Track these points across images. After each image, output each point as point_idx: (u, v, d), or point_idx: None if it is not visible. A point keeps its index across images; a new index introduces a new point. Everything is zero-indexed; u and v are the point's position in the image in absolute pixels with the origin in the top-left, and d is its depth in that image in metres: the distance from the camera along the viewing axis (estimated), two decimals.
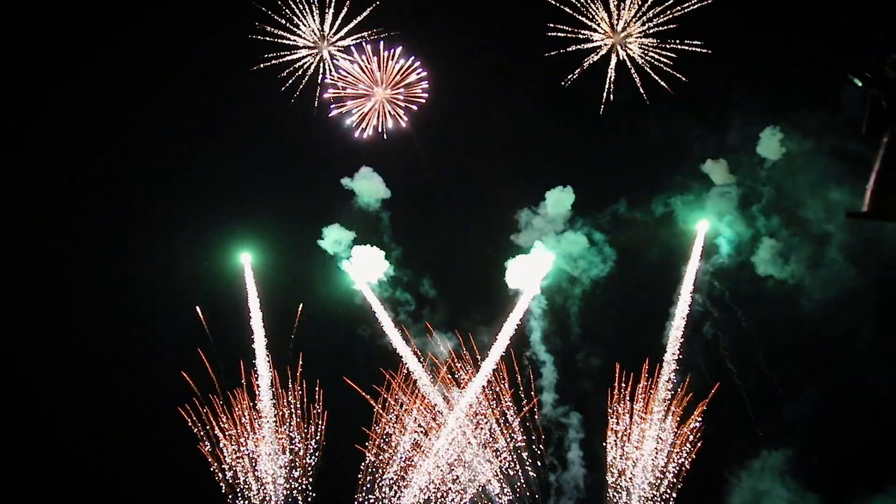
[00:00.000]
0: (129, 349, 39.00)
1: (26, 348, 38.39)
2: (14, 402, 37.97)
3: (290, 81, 36.52)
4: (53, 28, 35.86)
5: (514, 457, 39.72)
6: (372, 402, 39.29)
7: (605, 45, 36.50)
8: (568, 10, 35.69)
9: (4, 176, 35.99)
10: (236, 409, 38.83)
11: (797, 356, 38.02)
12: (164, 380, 38.28)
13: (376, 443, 39.39)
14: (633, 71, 36.39)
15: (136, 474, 39.02)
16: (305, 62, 36.85)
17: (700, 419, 38.52)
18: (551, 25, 35.73)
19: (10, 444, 38.41)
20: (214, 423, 38.50)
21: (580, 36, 36.27)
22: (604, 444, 39.44)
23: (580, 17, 35.99)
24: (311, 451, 39.52)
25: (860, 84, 14.97)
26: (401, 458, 39.38)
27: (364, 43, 36.38)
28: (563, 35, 36.01)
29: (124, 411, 38.44)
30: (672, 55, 35.78)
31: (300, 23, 36.07)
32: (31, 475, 39.02)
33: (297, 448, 39.43)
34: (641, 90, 36.55)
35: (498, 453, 39.73)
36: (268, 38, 35.42)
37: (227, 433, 38.72)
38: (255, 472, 39.04)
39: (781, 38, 35.54)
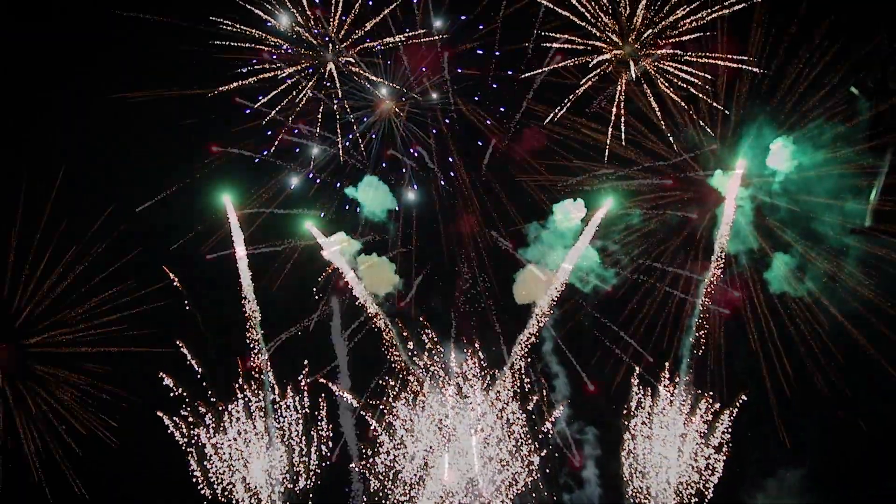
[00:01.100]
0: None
1: None
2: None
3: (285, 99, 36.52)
4: (53, 28, 36.27)
5: (526, 476, 38.56)
6: (373, 419, 38.91)
7: (616, 56, 34.76)
8: (572, 16, 34.14)
9: (4, 176, 36.19)
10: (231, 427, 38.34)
11: (816, 370, 36.91)
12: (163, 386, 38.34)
13: (377, 465, 38.75)
14: (647, 91, 34.84)
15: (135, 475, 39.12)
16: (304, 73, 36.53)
17: (725, 433, 37.87)
18: (547, 34, 34.26)
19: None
20: (209, 442, 38.11)
21: (588, 47, 34.69)
22: (620, 468, 38.70)
23: (583, 24, 34.21)
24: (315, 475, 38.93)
25: (862, 96, 14.41)
26: (406, 477, 38.62)
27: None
28: (562, 46, 34.42)
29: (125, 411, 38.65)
30: (696, 71, 34.31)
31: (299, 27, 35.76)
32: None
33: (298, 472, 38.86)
34: (656, 107, 35.30)
35: (511, 475, 38.61)
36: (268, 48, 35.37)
37: (221, 456, 38.18)
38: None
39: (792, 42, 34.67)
